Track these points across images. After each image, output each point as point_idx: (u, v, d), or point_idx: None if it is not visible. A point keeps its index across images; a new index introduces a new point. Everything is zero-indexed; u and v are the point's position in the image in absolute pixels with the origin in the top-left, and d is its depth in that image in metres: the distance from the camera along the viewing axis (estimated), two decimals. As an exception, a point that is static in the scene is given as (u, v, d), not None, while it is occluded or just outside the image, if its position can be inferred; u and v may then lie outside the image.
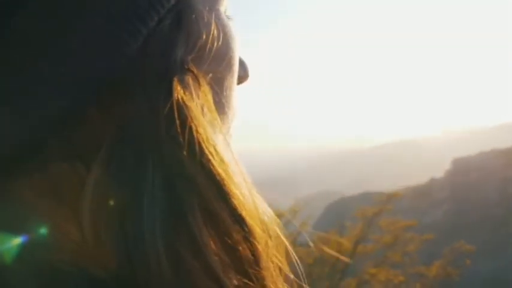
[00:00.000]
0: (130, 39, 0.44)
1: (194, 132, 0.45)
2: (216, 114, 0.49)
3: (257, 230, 0.47)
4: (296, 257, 0.55)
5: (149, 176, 0.43)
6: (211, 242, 0.44)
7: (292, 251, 0.55)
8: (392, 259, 16.72)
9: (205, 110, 0.48)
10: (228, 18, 0.59)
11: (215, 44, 0.52)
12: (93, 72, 0.44)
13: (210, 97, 0.49)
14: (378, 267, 16.51)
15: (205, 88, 0.49)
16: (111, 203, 0.43)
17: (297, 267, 0.56)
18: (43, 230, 0.44)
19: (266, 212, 0.51)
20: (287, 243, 0.55)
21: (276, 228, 0.52)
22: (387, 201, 18.29)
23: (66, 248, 0.44)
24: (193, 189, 0.44)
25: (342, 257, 16.70)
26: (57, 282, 0.42)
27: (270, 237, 0.49)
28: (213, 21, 0.52)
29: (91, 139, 0.46)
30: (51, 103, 0.44)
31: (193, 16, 0.49)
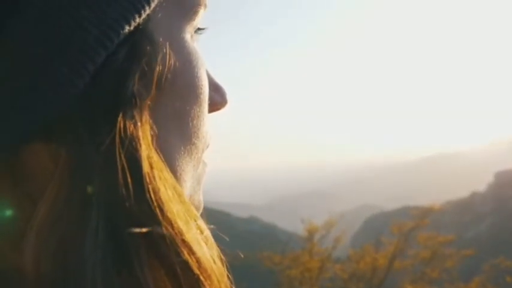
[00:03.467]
0: (74, 76, 0.43)
1: (140, 169, 0.44)
2: (155, 154, 0.47)
3: (209, 278, 0.46)
4: None
5: (93, 216, 0.42)
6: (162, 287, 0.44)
7: None
8: (430, 275, 16.34)
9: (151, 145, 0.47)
10: (200, 32, 0.59)
11: (175, 75, 0.51)
12: (35, 110, 0.43)
13: (148, 135, 0.47)
14: (415, 284, 16.16)
15: (147, 127, 0.47)
16: (54, 243, 0.42)
17: None
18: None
19: (215, 255, 0.50)
20: None
21: (225, 275, 0.50)
22: (425, 216, 17.97)
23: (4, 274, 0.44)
24: (140, 231, 0.43)
25: (377, 273, 16.45)
26: None
27: (221, 284, 0.48)
28: (172, 51, 0.51)
29: (38, 175, 0.46)
30: None
31: (148, 48, 0.48)
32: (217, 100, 0.61)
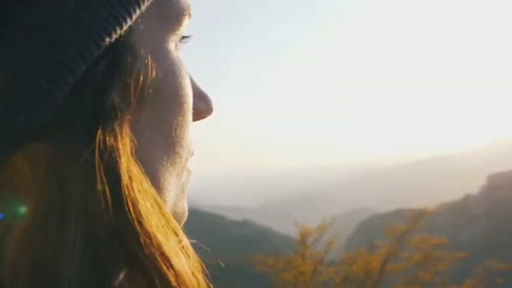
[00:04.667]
0: (53, 88, 0.43)
1: (119, 182, 0.44)
2: (135, 167, 0.47)
3: None
4: None
5: (71, 228, 0.42)
6: None
7: None
8: (423, 278, 16.37)
9: (131, 158, 0.46)
10: (185, 41, 0.59)
11: (157, 86, 0.51)
12: (14, 121, 0.44)
13: (128, 147, 0.46)
14: (408, 287, 16.18)
15: (127, 139, 0.47)
16: (32, 254, 0.42)
17: None
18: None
19: (195, 266, 0.50)
20: None
21: (204, 286, 0.51)
22: (418, 218, 18.00)
23: None
24: (119, 244, 0.43)
25: (371, 276, 16.46)
26: None
27: None
28: (155, 62, 0.51)
29: (17, 186, 0.46)
30: None
31: (130, 60, 0.48)
32: (203, 108, 0.62)
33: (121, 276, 0.42)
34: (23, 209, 0.44)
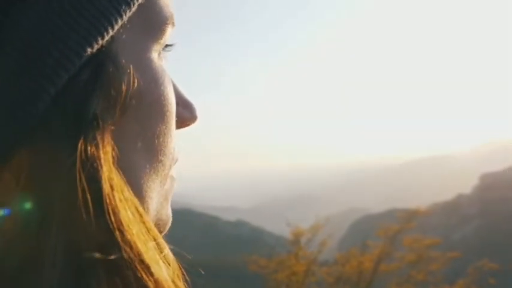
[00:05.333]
0: (33, 98, 0.44)
1: (101, 191, 0.44)
2: (116, 175, 0.47)
3: None
4: None
5: (52, 237, 0.42)
6: None
7: None
8: (415, 278, 16.44)
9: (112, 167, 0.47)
10: (168, 49, 0.60)
11: (139, 95, 0.51)
12: None
13: (110, 157, 0.47)
14: (401, 287, 16.26)
15: (109, 148, 0.47)
16: (13, 262, 0.42)
17: None
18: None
19: (175, 274, 0.52)
20: None
21: None
22: (411, 219, 18.06)
23: None
24: (99, 253, 0.43)
25: (364, 276, 16.53)
26: None
27: None
28: (137, 71, 0.51)
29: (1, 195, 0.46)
30: None
31: (112, 69, 0.48)
32: (186, 116, 0.62)
33: (102, 284, 0.42)
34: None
